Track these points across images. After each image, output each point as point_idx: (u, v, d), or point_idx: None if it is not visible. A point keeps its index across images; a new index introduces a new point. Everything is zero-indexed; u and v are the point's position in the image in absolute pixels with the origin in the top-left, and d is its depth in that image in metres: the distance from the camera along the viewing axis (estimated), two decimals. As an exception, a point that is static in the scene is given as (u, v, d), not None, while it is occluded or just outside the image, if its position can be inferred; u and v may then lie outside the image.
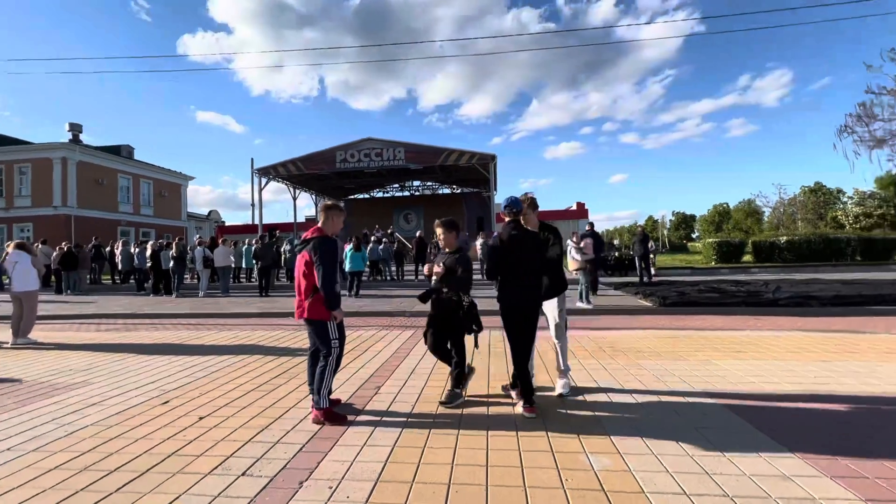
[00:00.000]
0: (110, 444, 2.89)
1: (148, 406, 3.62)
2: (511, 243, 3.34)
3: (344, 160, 25.02)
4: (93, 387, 4.21)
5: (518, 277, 3.34)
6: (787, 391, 3.67)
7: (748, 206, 60.40)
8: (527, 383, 3.34)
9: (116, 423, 3.25)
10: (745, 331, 6.37)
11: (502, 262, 3.34)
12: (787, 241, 18.46)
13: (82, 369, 4.88)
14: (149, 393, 3.97)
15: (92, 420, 3.33)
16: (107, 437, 3.01)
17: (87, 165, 28.31)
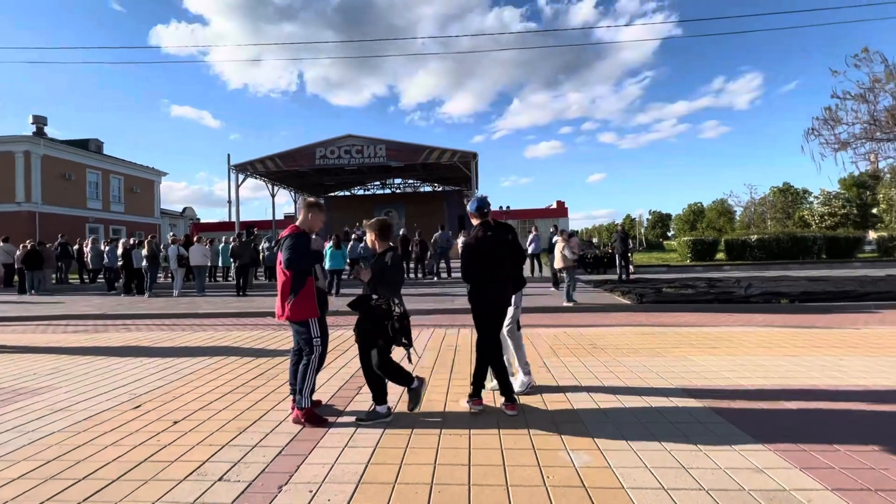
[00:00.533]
0: (77, 451, 2.78)
1: (118, 411, 3.49)
2: (487, 244, 3.34)
3: (324, 157, 24.67)
4: (59, 391, 4.03)
5: (495, 277, 3.34)
6: (760, 386, 3.79)
7: (721, 205, 62.26)
8: (506, 381, 3.35)
9: (84, 430, 3.12)
10: (719, 327, 6.56)
11: (481, 264, 3.32)
12: (758, 240, 19.10)
13: (48, 373, 4.67)
14: (119, 397, 3.83)
15: (58, 427, 3.19)
16: (74, 444, 2.88)
17: (52, 160, 27.13)
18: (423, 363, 4.76)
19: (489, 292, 3.34)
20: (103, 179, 31.10)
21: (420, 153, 24.42)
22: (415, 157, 24.62)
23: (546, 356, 4.95)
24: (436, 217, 29.37)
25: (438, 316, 8.09)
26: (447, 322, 7.38)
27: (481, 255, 3.33)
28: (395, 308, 3.04)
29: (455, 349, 5.34)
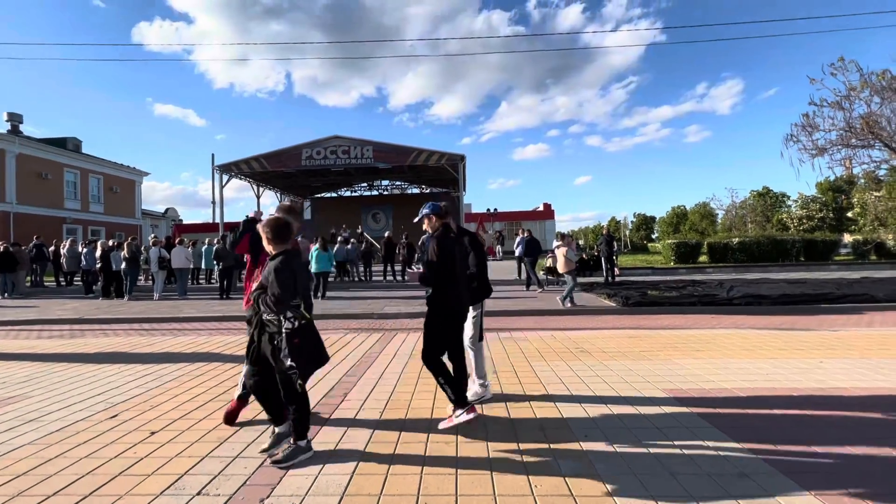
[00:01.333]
0: (49, 464, 2.66)
1: (93, 421, 3.36)
2: (449, 247, 3.22)
3: (310, 157, 24.44)
4: (31, 400, 3.88)
5: (457, 281, 3.24)
6: (744, 389, 3.84)
7: (703, 208, 63.40)
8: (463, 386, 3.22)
9: (57, 441, 3.00)
10: (703, 329, 6.65)
11: (443, 268, 3.16)
12: (739, 243, 19.49)
13: (19, 381, 4.50)
14: (94, 406, 3.70)
15: (29, 438, 3.06)
16: (45, 456, 2.77)
17: (28, 158, 26.35)
18: (409, 370, 4.71)
19: (453, 296, 3.19)
20: (82, 179, 30.32)
21: (407, 155, 24.35)
22: (402, 159, 24.54)
23: (533, 360, 4.95)
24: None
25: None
26: (434, 325, 7.34)
27: (444, 258, 3.17)
28: (284, 323, 2.57)
29: (442, 353, 5.30)
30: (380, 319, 8.17)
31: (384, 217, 35.52)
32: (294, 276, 2.61)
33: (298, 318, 2.62)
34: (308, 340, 2.66)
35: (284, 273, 2.56)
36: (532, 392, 3.86)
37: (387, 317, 8.32)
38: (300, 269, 2.74)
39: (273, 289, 2.54)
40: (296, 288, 2.61)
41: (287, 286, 2.54)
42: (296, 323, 2.60)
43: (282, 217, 2.81)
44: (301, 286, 2.69)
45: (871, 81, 13.15)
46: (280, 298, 2.52)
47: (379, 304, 9.66)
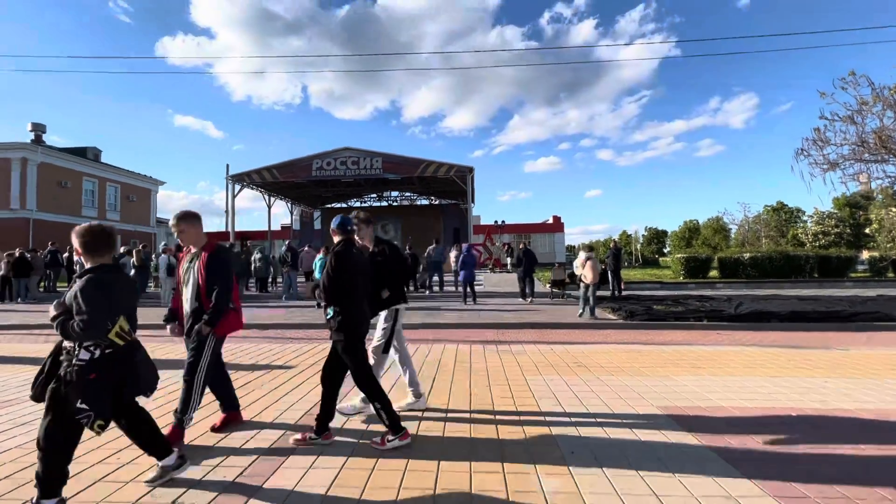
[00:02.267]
0: (32, 469, 2.68)
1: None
2: (351, 263, 3.08)
3: (320, 168, 24.79)
4: (26, 404, 3.93)
5: (360, 298, 3.14)
6: (741, 408, 3.73)
7: (716, 222, 62.63)
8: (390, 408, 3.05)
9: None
10: (707, 346, 6.51)
11: (347, 283, 3.03)
12: (751, 258, 19.14)
13: (18, 385, 4.57)
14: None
15: (17, 442, 3.10)
16: (30, 461, 2.79)
17: (49, 167, 27.13)
18: (402, 381, 4.67)
19: (357, 313, 3.08)
20: (100, 187, 31.08)
21: (416, 166, 24.56)
22: (411, 171, 24.76)
23: (529, 373, 4.88)
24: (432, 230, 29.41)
25: (425, 331, 8.01)
26: (433, 337, 7.31)
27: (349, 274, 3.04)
28: (79, 352, 2.14)
29: (438, 365, 5.26)
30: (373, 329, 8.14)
31: (393, 228, 35.71)
32: (109, 296, 2.18)
33: (102, 347, 2.18)
34: (112, 374, 2.21)
35: (99, 291, 2.14)
36: (524, 407, 3.78)
37: (387, 327, 8.30)
38: (121, 287, 2.30)
39: (80, 311, 2.10)
40: (110, 309, 2.17)
41: (99, 307, 2.11)
42: (96, 353, 2.16)
43: (100, 225, 2.35)
44: (119, 307, 2.24)
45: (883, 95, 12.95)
46: (89, 322, 2.07)
47: (381, 314, 9.65)
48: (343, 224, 3.23)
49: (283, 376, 4.86)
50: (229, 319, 3.17)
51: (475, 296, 11.51)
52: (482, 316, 9.29)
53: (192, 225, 3.17)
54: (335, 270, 3.01)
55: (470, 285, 11.49)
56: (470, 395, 4.12)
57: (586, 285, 9.09)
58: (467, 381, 4.56)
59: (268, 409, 3.80)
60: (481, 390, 4.26)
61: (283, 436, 3.19)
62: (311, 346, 6.60)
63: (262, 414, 3.69)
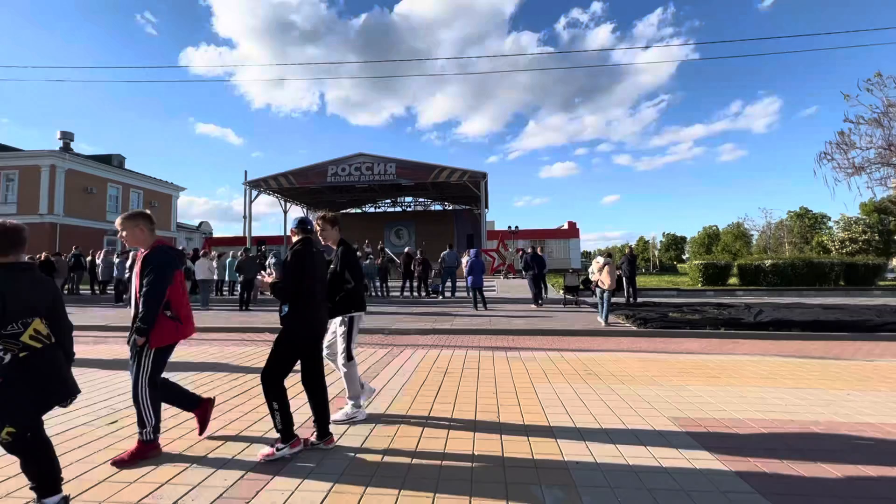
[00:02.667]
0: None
1: (94, 426, 3.46)
2: (306, 262, 3.00)
3: (335, 174, 25.08)
4: (41, 404, 4.02)
5: (315, 301, 3.05)
6: (758, 420, 3.59)
7: (737, 228, 61.23)
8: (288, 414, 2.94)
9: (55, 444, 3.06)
10: (724, 355, 6.32)
11: (302, 282, 2.95)
12: (772, 265, 18.60)
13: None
14: (98, 412, 3.80)
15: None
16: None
17: (75, 174, 28.10)
18: (408, 386, 4.65)
19: (312, 315, 3.01)
20: (123, 193, 32.04)
21: (430, 172, 24.65)
22: (425, 176, 24.86)
23: (538, 381, 4.80)
24: (445, 235, 29.43)
25: (435, 336, 7.98)
26: (443, 342, 7.27)
27: (302, 271, 2.96)
28: None
29: (445, 371, 5.22)
30: (390, 335, 8.15)
31: (407, 233, 35.88)
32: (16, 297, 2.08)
33: (14, 350, 2.06)
34: (26, 379, 2.08)
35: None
36: (531, 419, 3.59)
37: (397, 332, 8.30)
38: (31, 287, 2.19)
39: None
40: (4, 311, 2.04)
41: None
42: (6, 357, 2.05)
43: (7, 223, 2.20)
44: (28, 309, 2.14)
45: (912, 97, 12.49)
46: None
47: (392, 319, 9.66)
48: (303, 222, 3.19)
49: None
50: (164, 328, 2.83)
51: (485, 302, 11.43)
52: (493, 322, 9.21)
53: (136, 226, 2.92)
54: (293, 269, 2.94)
55: (479, 291, 11.42)
56: (476, 403, 4.05)
57: (602, 291, 9.02)
58: (474, 388, 4.50)
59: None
60: (488, 398, 4.20)
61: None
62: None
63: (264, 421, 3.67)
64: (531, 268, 12.45)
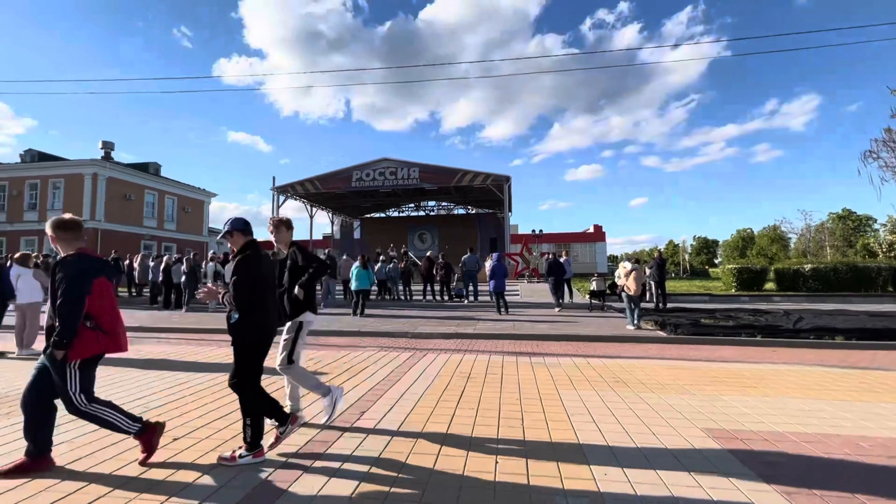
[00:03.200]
0: (78, 463, 2.84)
1: (127, 424, 3.56)
2: (259, 267, 2.94)
3: (359, 179, 25.42)
4: (80, 401, 4.19)
5: (267, 304, 3.00)
6: (798, 434, 3.39)
7: (773, 231, 58.74)
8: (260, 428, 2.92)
9: (91, 441, 3.20)
10: (761, 364, 6.03)
11: (255, 289, 2.89)
12: (813, 269, 17.68)
13: (76, 382, 4.89)
14: (133, 409, 3.91)
15: (68, 437, 3.28)
16: (77, 455, 2.95)
17: (116, 181, 29.50)
18: (430, 391, 4.62)
19: (264, 319, 2.96)
20: (159, 200, 33.42)
21: (453, 176, 24.68)
22: (447, 180, 24.89)
23: (563, 387, 4.69)
24: (469, 239, 29.36)
25: (458, 340, 7.93)
26: (466, 347, 7.21)
27: (253, 277, 2.89)
28: None
29: (468, 377, 5.17)
30: (413, 339, 8.15)
31: (430, 237, 35.99)
32: None
33: None
34: None
35: None
36: (559, 437, 3.27)
37: (420, 336, 8.29)
38: None
39: None
40: None
41: None
42: None
43: None
44: None
45: (967, 91, 11.67)
46: None
47: (414, 323, 9.67)
48: (246, 224, 3.08)
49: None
50: (84, 340, 2.64)
51: (506, 306, 11.31)
52: (516, 326, 9.10)
53: (65, 231, 2.78)
54: (244, 276, 2.85)
55: (501, 296, 11.31)
56: (499, 412, 3.96)
57: (629, 296, 8.84)
58: (497, 396, 4.43)
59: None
60: (511, 406, 4.11)
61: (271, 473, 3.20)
62: (345, 353, 6.67)
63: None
64: (552, 273, 12.39)
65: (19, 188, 29.15)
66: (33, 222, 28.47)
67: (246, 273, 2.86)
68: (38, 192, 28.98)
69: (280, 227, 3.52)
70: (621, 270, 9.35)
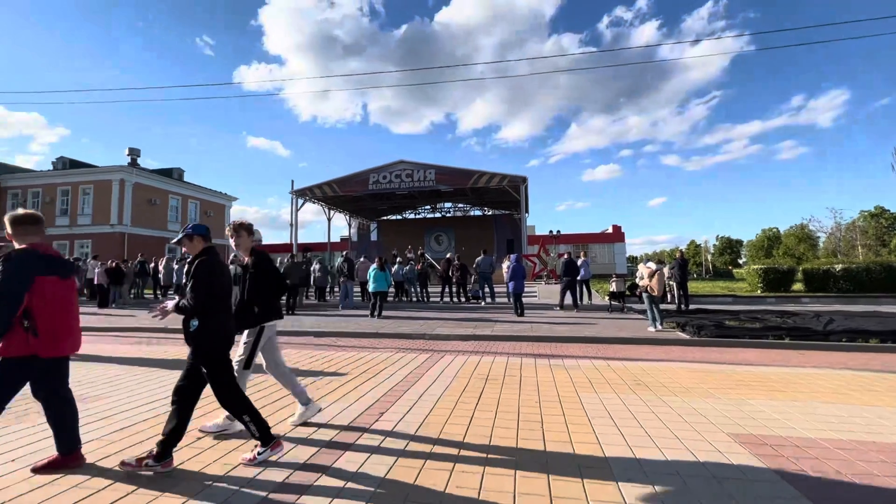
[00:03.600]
0: (106, 461, 2.92)
1: (152, 423, 3.66)
2: (217, 273, 2.89)
3: (376, 182, 25.64)
4: (109, 400, 4.32)
5: (225, 311, 2.96)
6: (832, 441, 3.26)
7: (801, 230, 56.87)
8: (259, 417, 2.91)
9: (118, 440, 3.29)
10: (787, 367, 5.82)
11: (212, 295, 2.84)
12: (844, 269, 17.02)
13: (105, 382, 5.05)
14: (157, 409, 4.03)
15: (97, 435, 3.39)
16: (105, 453, 3.04)
17: (141, 187, 30.44)
18: (448, 393, 4.61)
19: (225, 324, 2.93)
20: (182, 204, 34.33)
21: (469, 177, 24.67)
22: (464, 182, 24.90)
23: (582, 390, 4.62)
24: (485, 241, 29.30)
25: (475, 342, 7.90)
26: (483, 349, 7.18)
27: (217, 281, 2.86)
28: None
29: (486, 379, 5.14)
30: (431, 340, 8.15)
31: (446, 239, 36.04)
32: None
33: None
34: None
35: None
36: (581, 443, 3.17)
37: (438, 338, 8.29)
38: None
39: None
40: None
41: None
42: None
43: None
44: None
45: None
46: None
47: (432, 324, 9.68)
48: (206, 230, 3.03)
49: (336, 382, 4.96)
50: (12, 338, 2.56)
51: (523, 309, 11.19)
52: (534, 328, 9.01)
53: (16, 226, 2.72)
54: (203, 282, 2.80)
55: (517, 298, 11.21)
56: (518, 415, 3.91)
57: (650, 297, 8.69)
58: (516, 399, 4.38)
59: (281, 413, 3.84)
60: (530, 409, 4.07)
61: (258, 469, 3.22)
62: (364, 354, 6.71)
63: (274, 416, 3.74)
64: (568, 274, 12.30)
65: (52, 195, 30.35)
66: (64, 227, 29.60)
67: (203, 277, 2.80)
68: (69, 199, 30.12)
69: (240, 233, 3.38)
70: (644, 271, 9.14)
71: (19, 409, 3.95)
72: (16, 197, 30.93)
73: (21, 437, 3.36)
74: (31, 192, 30.80)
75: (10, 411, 3.65)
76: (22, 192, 30.88)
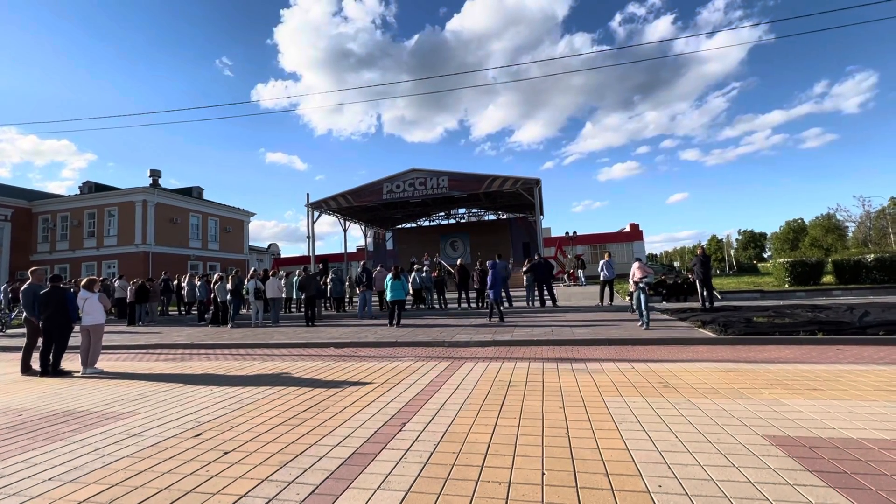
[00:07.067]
0: (137, 477, 2.97)
1: (181, 438, 3.71)
2: None
3: (390, 191, 25.80)
4: (138, 417, 4.41)
5: None
6: (877, 441, 3.10)
7: (828, 221, 54.95)
8: None
9: (149, 456, 3.34)
10: (822, 364, 5.60)
11: None
12: (876, 259, 16.34)
13: (133, 399, 5.16)
14: (185, 424, 4.09)
15: (128, 451, 3.46)
16: (137, 469, 3.09)
17: (163, 206, 31.31)
18: (470, 402, 4.56)
19: None
20: (202, 222, 35.16)
21: (481, 182, 24.63)
22: (476, 186, 24.86)
23: (607, 394, 4.52)
24: (501, 245, 29.15)
25: (495, 348, 7.83)
26: (503, 354, 7.10)
27: None
28: None
29: (507, 385, 5.07)
30: (450, 347, 8.11)
31: (462, 245, 35.99)
32: None
33: None
34: None
35: None
36: (613, 461, 2.87)
37: (457, 345, 8.25)
38: None
39: None
40: None
41: None
42: None
43: None
44: None
45: None
46: None
47: (450, 331, 9.64)
48: None
49: (358, 392, 4.96)
50: None
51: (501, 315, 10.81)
52: (554, 332, 8.89)
53: None
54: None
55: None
56: (542, 425, 3.84)
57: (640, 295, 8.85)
58: (539, 405, 4.31)
59: (315, 434, 3.84)
60: (555, 415, 4.00)
61: (354, 455, 3.20)
62: (384, 363, 6.71)
63: (333, 435, 3.74)
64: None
65: (79, 218, 31.47)
66: (92, 248, 30.61)
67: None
68: (95, 221, 31.17)
69: None
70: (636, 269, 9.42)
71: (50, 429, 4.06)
72: (46, 221, 32.17)
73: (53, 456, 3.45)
74: (60, 216, 32.00)
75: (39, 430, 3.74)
76: (52, 216, 32.11)
